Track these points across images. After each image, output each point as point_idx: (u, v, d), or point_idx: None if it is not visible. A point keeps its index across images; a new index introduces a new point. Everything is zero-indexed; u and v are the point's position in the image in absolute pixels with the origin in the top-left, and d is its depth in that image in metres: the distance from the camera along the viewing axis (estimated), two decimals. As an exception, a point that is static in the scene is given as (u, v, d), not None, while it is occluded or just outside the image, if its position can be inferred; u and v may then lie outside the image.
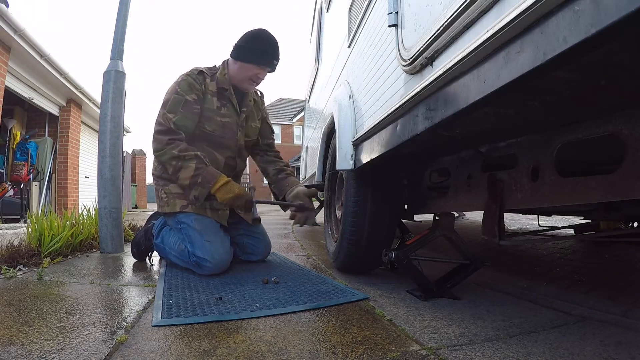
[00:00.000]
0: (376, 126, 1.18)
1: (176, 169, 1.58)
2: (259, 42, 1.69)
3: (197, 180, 1.56)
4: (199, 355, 0.80)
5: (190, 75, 1.70)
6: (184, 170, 1.57)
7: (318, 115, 3.03)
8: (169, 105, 1.64)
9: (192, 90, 1.68)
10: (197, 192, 1.60)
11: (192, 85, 1.69)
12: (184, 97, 1.66)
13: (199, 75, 1.72)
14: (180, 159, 1.57)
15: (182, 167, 1.57)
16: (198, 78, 1.71)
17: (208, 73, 1.76)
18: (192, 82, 1.69)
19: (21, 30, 3.95)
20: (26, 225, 2.10)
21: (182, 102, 1.65)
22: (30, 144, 5.55)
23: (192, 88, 1.68)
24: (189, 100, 1.66)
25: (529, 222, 3.62)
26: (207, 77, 1.75)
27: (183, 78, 1.69)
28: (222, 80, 1.76)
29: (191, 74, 1.71)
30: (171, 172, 1.62)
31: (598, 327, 0.97)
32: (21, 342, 0.84)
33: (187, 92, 1.67)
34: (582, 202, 0.88)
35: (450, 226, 1.33)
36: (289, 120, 25.10)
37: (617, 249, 2.19)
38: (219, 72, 1.77)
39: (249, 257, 1.88)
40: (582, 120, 0.86)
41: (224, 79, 1.76)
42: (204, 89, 1.72)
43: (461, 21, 0.70)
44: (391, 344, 0.87)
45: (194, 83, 1.69)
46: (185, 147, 1.60)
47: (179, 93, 1.66)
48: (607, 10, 0.39)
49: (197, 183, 1.57)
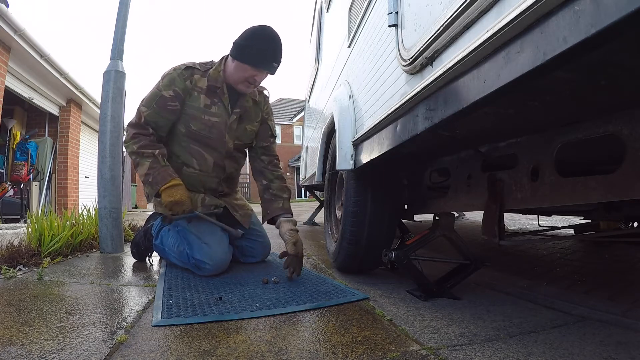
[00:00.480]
0: (376, 126, 1.18)
1: (135, 164, 1.61)
2: (259, 40, 1.54)
3: (149, 179, 1.57)
4: (199, 355, 0.80)
5: (175, 70, 1.64)
6: (140, 167, 1.59)
7: (318, 115, 3.02)
8: (146, 99, 1.64)
9: (171, 86, 1.62)
10: (147, 190, 1.63)
11: (174, 81, 1.62)
12: (160, 92, 1.62)
13: (185, 70, 1.65)
14: (139, 155, 1.58)
15: (139, 163, 1.59)
16: (184, 74, 1.64)
17: (200, 68, 1.67)
18: (174, 78, 1.63)
19: (21, 30, 3.95)
20: (26, 225, 2.10)
21: (157, 97, 1.62)
22: (30, 144, 5.56)
23: (172, 84, 1.62)
24: (165, 97, 1.61)
25: (529, 222, 3.62)
26: (197, 73, 1.66)
27: (168, 73, 1.65)
28: (214, 78, 1.66)
29: (177, 69, 1.65)
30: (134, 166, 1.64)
31: (598, 327, 0.97)
32: (21, 342, 0.84)
33: (166, 87, 1.62)
34: (582, 202, 0.88)
35: (450, 226, 1.33)
36: (289, 120, 25.10)
37: (617, 249, 2.19)
38: (213, 69, 1.67)
39: (248, 259, 1.87)
40: (582, 120, 0.86)
41: (217, 76, 1.66)
42: (190, 85, 1.65)
43: (461, 21, 0.70)
44: (391, 344, 0.87)
45: (176, 79, 1.63)
46: (146, 144, 1.59)
47: (159, 88, 1.63)
48: (607, 10, 0.39)
49: (148, 182, 1.57)
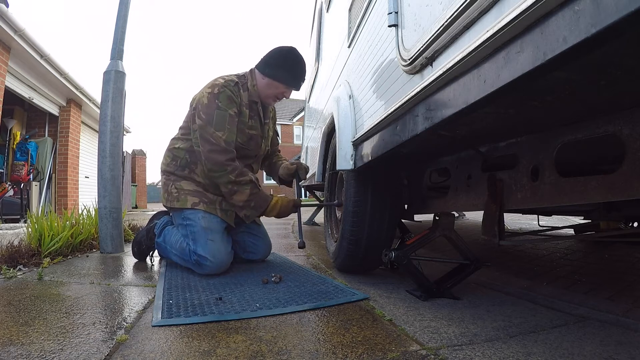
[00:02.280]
0: (376, 126, 1.18)
1: (231, 192, 1.64)
2: (290, 62, 1.71)
3: (251, 204, 1.66)
4: (199, 355, 0.80)
5: (227, 87, 1.67)
6: (239, 194, 1.63)
7: (318, 115, 3.03)
8: (215, 122, 1.62)
9: (232, 104, 1.67)
10: (249, 212, 1.68)
11: (232, 98, 1.67)
12: (227, 112, 1.65)
13: (235, 86, 1.70)
14: (237, 184, 1.62)
15: (238, 191, 1.63)
16: (234, 90, 1.69)
17: (240, 83, 1.74)
18: (230, 95, 1.67)
19: (21, 30, 3.95)
20: (26, 225, 2.10)
21: (226, 117, 1.64)
22: (30, 144, 5.55)
23: (232, 102, 1.67)
24: (232, 115, 1.66)
25: (529, 222, 3.62)
26: (240, 88, 1.73)
27: (221, 90, 1.65)
28: (253, 93, 1.76)
29: (228, 86, 1.67)
30: (225, 192, 1.65)
31: (598, 327, 0.97)
32: (21, 342, 0.84)
33: (229, 106, 1.66)
34: (582, 202, 0.88)
35: (450, 226, 1.33)
36: (289, 120, 25.10)
37: (617, 249, 2.19)
38: (250, 84, 1.76)
39: (250, 255, 1.88)
40: (582, 120, 0.86)
41: (254, 92, 1.76)
42: (240, 100, 1.72)
43: (461, 21, 0.70)
44: (391, 344, 0.87)
45: (232, 96, 1.67)
46: (240, 172, 1.63)
47: (220, 108, 1.64)
48: (607, 10, 0.39)
49: (250, 207, 1.66)
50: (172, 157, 1.80)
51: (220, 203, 1.73)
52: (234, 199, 1.64)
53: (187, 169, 1.77)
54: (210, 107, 1.63)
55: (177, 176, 1.77)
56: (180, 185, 1.74)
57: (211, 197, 1.72)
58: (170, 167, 1.80)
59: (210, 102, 1.64)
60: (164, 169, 1.83)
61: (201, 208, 1.68)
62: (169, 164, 1.81)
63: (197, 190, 1.73)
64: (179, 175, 1.77)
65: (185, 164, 1.77)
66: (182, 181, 1.75)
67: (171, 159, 1.80)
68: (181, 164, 1.78)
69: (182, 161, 1.78)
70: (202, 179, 1.74)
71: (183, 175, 1.76)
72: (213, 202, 1.72)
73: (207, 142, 1.61)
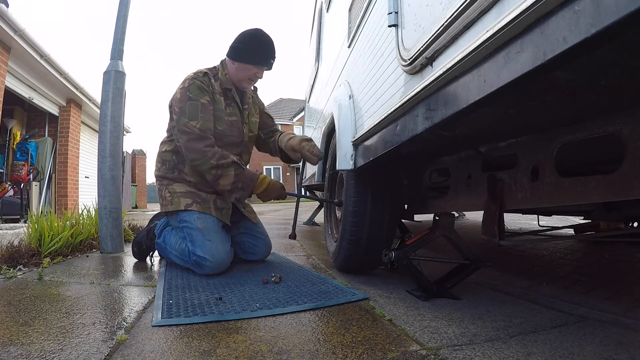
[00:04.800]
0: (376, 126, 1.18)
1: (216, 177, 1.63)
2: (256, 42, 1.72)
3: (238, 185, 1.65)
4: (199, 355, 0.80)
5: (196, 78, 1.70)
6: (224, 178, 1.63)
7: (318, 115, 3.03)
8: (187, 113, 1.64)
9: (203, 92, 1.69)
10: (239, 194, 1.67)
11: (202, 87, 1.69)
12: (199, 101, 1.67)
13: (204, 77, 1.73)
14: (220, 168, 1.62)
15: (222, 174, 1.63)
16: (204, 80, 1.72)
17: (210, 74, 1.77)
18: (200, 85, 1.69)
19: (21, 30, 3.95)
20: (26, 225, 2.10)
21: (198, 106, 1.66)
22: (30, 144, 5.55)
23: (202, 90, 1.69)
24: (205, 104, 1.68)
25: (529, 222, 3.62)
26: (211, 78, 1.76)
27: (190, 82, 1.69)
28: (224, 81, 1.78)
29: (197, 77, 1.71)
30: (210, 180, 1.65)
31: (598, 327, 0.97)
32: (21, 342, 0.84)
33: (200, 95, 1.68)
34: (582, 202, 0.88)
35: (450, 226, 1.33)
36: (289, 120, 25.10)
37: (617, 249, 2.19)
38: (220, 73, 1.79)
39: (249, 256, 1.88)
40: (582, 120, 0.86)
41: (226, 79, 1.78)
42: (212, 89, 1.74)
43: (461, 21, 0.70)
44: (391, 344, 0.87)
45: (202, 85, 1.70)
46: (221, 155, 1.63)
47: (191, 98, 1.66)
48: (607, 10, 0.39)
49: (239, 188, 1.65)
50: (161, 162, 1.83)
51: (215, 202, 1.74)
52: (220, 184, 1.64)
53: (175, 170, 1.78)
54: (182, 100, 1.67)
55: (169, 179, 1.79)
56: (173, 188, 1.75)
57: (204, 196, 1.73)
58: (161, 171, 1.82)
59: (182, 96, 1.67)
60: (156, 174, 1.86)
61: (195, 209, 1.69)
62: (159, 169, 1.83)
63: (190, 191, 1.74)
64: (170, 178, 1.78)
65: (174, 166, 1.79)
66: (174, 184, 1.77)
67: (161, 164, 1.83)
68: (170, 166, 1.80)
69: (171, 163, 1.80)
70: (192, 177, 1.75)
71: (173, 177, 1.78)
72: (207, 201, 1.72)
73: (184, 133, 1.64)
